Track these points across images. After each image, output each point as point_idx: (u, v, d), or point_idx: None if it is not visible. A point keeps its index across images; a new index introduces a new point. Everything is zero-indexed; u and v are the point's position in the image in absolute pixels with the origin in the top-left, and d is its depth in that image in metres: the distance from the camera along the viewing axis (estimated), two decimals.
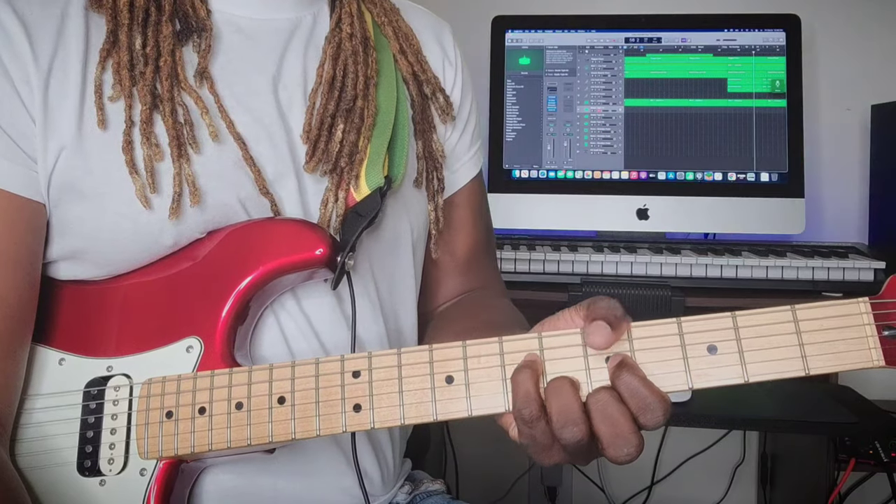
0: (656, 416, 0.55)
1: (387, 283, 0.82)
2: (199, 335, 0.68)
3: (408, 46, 0.85)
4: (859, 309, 0.55)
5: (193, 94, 0.71)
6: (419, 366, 0.61)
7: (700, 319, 0.57)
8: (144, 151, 0.68)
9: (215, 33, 0.75)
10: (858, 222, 1.86)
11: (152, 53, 0.71)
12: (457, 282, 0.94)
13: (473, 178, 0.95)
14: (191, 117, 0.70)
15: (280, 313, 0.74)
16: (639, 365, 0.57)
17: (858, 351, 0.54)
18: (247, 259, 0.69)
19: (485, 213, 0.98)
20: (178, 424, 0.65)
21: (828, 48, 1.90)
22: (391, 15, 0.86)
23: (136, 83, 0.70)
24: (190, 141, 0.70)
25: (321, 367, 0.63)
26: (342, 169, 0.75)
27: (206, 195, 0.70)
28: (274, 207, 0.72)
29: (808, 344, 0.55)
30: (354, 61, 0.78)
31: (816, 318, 0.55)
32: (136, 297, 0.71)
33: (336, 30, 0.80)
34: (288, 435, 0.62)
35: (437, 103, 0.87)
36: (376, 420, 0.61)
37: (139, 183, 0.68)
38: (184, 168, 0.69)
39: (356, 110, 0.77)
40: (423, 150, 0.84)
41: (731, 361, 0.56)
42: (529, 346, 0.60)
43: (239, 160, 0.71)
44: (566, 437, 0.56)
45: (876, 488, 1.78)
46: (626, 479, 2.02)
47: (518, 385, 0.58)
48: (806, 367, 0.55)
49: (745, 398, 1.54)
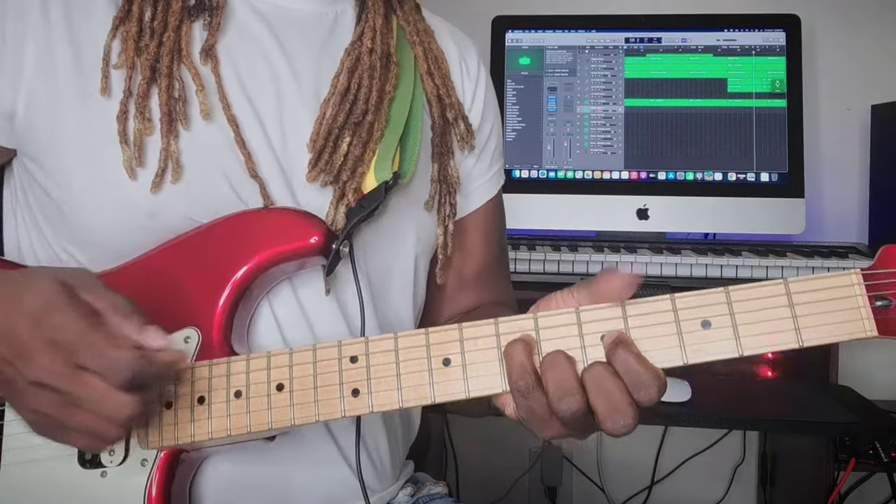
0: (650, 391, 0.55)
1: (382, 278, 0.81)
2: (197, 325, 0.68)
3: (436, 69, 0.85)
4: (851, 280, 0.55)
5: (192, 71, 0.72)
6: (416, 349, 0.61)
7: (694, 295, 0.57)
8: (136, 125, 0.70)
9: (229, 11, 0.76)
10: (858, 222, 1.86)
11: (158, 27, 0.72)
12: (467, 298, 0.93)
13: (490, 201, 0.94)
14: (185, 93, 0.71)
15: (275, 301, 0.74)
16: (634, 341, 0.57)
17: (851, 322, 0.54)
18: (243, 248, 0.69)
19: (500, 232, 0.97)
20: (178, 414, 0.65)
21: (828, 48, 1.90)
22: (424, 36, 0.86)
23: (139, 55, 0.71)
24: (181, 117, 0.71)
25: (319, 353, 0.63)
26: (344, 182, 0.75)
27: (188, 172, 0.70)
28: (263, 191, 0.72)
29: (802, 316, 0.55)
30: (370, 76, 0.78)
31: (809, 291, 0.55)
32: (133, 288, 0.70)
33: (357, 43, 0.80)
34: (287, 421, 0.62)
35: (458, 130, 0.86)
36: (375, 404, 0.61)
37: (127, 154, 0.69)
38: (171, 144, 0.70)
39: (365, 125, 0.76)
40: (439, 173, 0.84)
41: (725, 336, 0.56)
42: (525, 327, 0.60)
43: (230, 141, 0.72)
44: (563, 409, 0.56)
45: (876, 488, 1.78)
46: (626, 479, 2.02)
47: (512, 357, 0.58)
48: (800, 339, 0.55)
49: (745, 398, 1.54)
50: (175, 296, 0.70)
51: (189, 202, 0.71)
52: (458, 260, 0.91)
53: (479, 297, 0.93)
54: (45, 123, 0.71)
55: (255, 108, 0.74)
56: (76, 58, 0.71)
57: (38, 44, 0.71)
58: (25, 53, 0.70)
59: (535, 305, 0.63)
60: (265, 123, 0.74)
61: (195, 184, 0.71)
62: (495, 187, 0.95)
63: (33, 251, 0.76)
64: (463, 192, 0.90)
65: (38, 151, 0.72)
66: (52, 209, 0.73)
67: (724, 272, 1.50)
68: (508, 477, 2.03)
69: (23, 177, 0.76)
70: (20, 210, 0.78)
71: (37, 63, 0.70)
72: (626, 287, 0.58)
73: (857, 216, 1.86)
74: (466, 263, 0.92)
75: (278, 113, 0.75)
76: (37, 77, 0.70)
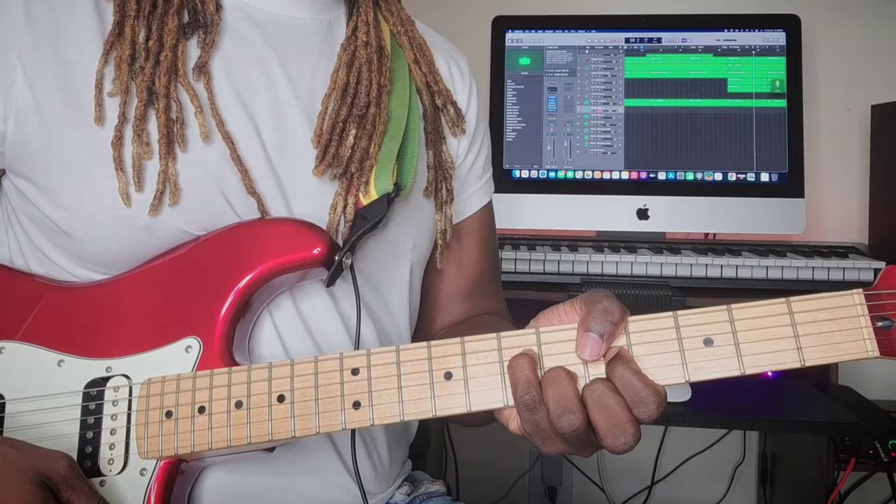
0: (650, 408, 0.55)
1: (381, 287, 0.82)
2: (198, 335, 0.68)
3: (421, 57, 0.86)
4: (853, 300, 0.55)
5: (190, 91, 0.71)
6: (418, 362, 0.61)
7: (696, 313, 0.58)
8: (135, 149, 0.69)
9: (223, 22, 0.75)
10: (858, 222, 1.86)
11: (154, 47, 0.71)
12: (460, 308, 0.93)
13: (484, 207, 0.95)
14: (182, 115, 0.71)
15: (275, 312, 0.74)
16: (635, 358, 0.57)
17: (853, 342, 0.55)
18: (245, 258, 0.69)
19: (493, 242, 0.97)
20: (178, 424, 0.65)
21: (828, 48, 1.90)
22: (406, 25, 0.86)
23: (134, 78, 0.70)
24: (178, 139, 0.70)
25: (320, 364, 0.63)
26: (352, 174, 0.75)
27: (185, 192, 0.70)
28: (261, 207, 0.72)
29: (804, 336, 0.56)
30: (368, 69, 0.78)
31: (811, 311, 0.56)
32: (135, 298, 0.71)
33: (352, 37, 0.80)
34: (288, 433, 0.62)
35: (448, 115, 0.87)
36: (376, 417, 0.61)
37: (123, 181, 0.69)
38: (169, 167, 0.69)
39: (368, 117, 0.76)
40: (434, 159, 0.84)
41: (728, 354, 0.56)
42: (527, 342, 0.60)
43: (227, 158, 0.71)
44: (563, 426, 0.56)
45: (876, 488, 1.78)
46: (626, 479, 2.02)
47: (517, 371, 0.58)
48: (801, 358, 0.55)
49: (745, 398, 1.54)
50: (176, 305, 0.70)
51: (185, 219, 0.70)
52: (454, 268, 0.91)
53: (474, 308, 0.93)
54: (35, 143, 0.70)
55: (252, 117, 0.73)
56: (65, 76, 0.70)
57: (25, 64, 0.70)
58: (14, 73, 0.69)
59: (536, 319, 0.63)
60: (262, 134, 0.74)
61: (192, 202, 0.70)
62: (488, 194, 0.96)
63: (27, 266, 0.76)
64: (460, 196, 0.91)
65: (30, 170, 0.71)
66: (46, 224, 0.72)
67: (724, 272, 1.50)
68: (508, 477, 2.03)
69: (13, 195, 0.75)
70: (12, 227, 0.77)
71: (26, 83, 0.69)
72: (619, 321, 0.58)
73: (857, 216, 1.86)
74: (462, 272, 0.92)
75: (275, 121, 0.74)
76: (26, 97, 0.69)
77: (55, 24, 0.71)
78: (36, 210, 0.72)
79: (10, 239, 0.78)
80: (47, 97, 0.69)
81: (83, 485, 0.62)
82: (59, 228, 0.71)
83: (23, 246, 0.76)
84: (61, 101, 0.69)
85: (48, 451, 0.64)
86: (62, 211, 0.70)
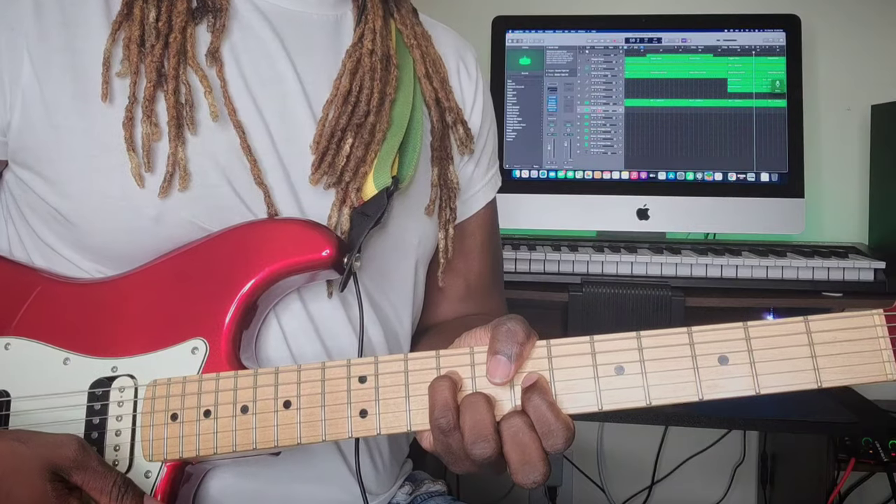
0: (557, 441, 0.56)
1: (386, 286, 0.81)
2: (205, 336, 0.68)
3: (434, 73, 0.85)
4: (873, 321, 0.54)
5: (199, 73, 0.71)
6: (426, 372, 0.61)
7: (711, 329, 0.56)
8: (143, 129, 0.69)
9: (232, 12, 0.75)
10: (858, 222, 1.86)
11: (164, 28, 0.71)
12: (460, 306, 0.93)
13: (488, 204, 0.94)
14: (192, 97, 0.70)
15: (283, 313, 0.73)
16: (647, 374, 0.56)
17: (872, 364, 0.54)
18: (252, 260, 0.68)
19: (495, 241, 0.97)
20: (184, 427, 0.64)
21: (828, 48, 1.90)
22: (421, 40, 0.85)
23: (143, 59, 0.70)
24: (188, 122, 0.70)
25: (327, 371, 0.62)
26: (346, 183, 0.74)
27: (195, 177, 0.70)
28: (268, 199, 0.72)
29: (821, 356, 0.54)
30: (371, 77, 0.78)
31: (829, 331, 0.54)
32: (142, 297, 0.70)
33: (358, 44, 0.79)
34: (294, 440, 0.62)
35: (457, 134, 0.86)
36: (382, 426, 0.61)
37: (135, 161, 0.68)
38: (178, 150, 0.69)
39: (367, 126, 0.76)
40: (439, 178, 0.84)
41: (743, 373, 0.55)
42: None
43: (236, 147, 0.71)
44: (476, 453, 0.56)
45: (876, 488, 1.78)
46: (626, 479, 2.02)
47: (436, 393, 0.58)
48: (819, 379, 0.54)
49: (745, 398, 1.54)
50: (183, 305, 0.69)
51: (193, 208, 0.70)
52: (459, 264, 0.91)
53: (474, 307, 0.93)
54: (41, 133, 0.69)
55: (260, 110, 0.73)
56: (74, 65, 0.70)
57: (33, 53, 0.69)
58: (21, 63, 0.69)
59: (459, 339, 0.64)
60: (270, 126, 0.73)
61: (200, 190, 0.70)
62: (493, 190, 0.95)
63: (29, 259, 0.75)
64: (462, 197, 0.90)
65: (35, 161, 0.71)
66: (52, 216, 0.72)
67: (725, 272, 1.49)
68: (508, 477, 2.02)
69: (15, 186, 0.75)
70: (12, 219, 0.77)
71: (33, 72, 0.69)
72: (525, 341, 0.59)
73: (857, 216, 1.86)
74: (466, 269, 0.92)
75: (283, 114, 0.74)
76: (32, 86, 0.69)
77: (63, 13, 0.71)
78: (40, 201, 0.72)
79: (10, 231, 0.77)
80: (54, 86, 0.69)
81: (95, 464, 0.61)
82: (65, 219, 0.71)
83: (24, 239, 0.75)
84: (69, 91, 0.69)
85: (55, 437, 0.62)
86: (68, 201, 0.70)
